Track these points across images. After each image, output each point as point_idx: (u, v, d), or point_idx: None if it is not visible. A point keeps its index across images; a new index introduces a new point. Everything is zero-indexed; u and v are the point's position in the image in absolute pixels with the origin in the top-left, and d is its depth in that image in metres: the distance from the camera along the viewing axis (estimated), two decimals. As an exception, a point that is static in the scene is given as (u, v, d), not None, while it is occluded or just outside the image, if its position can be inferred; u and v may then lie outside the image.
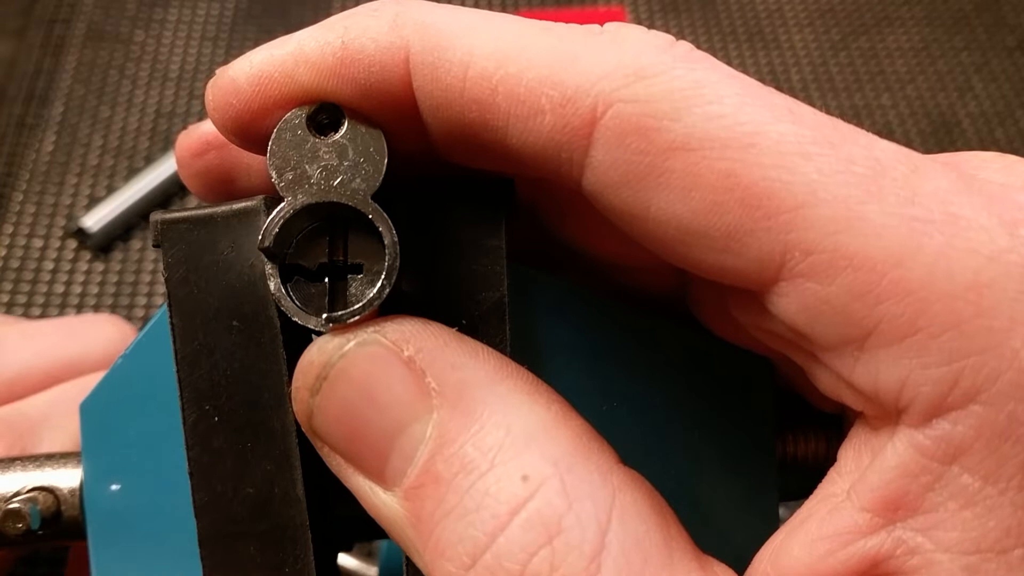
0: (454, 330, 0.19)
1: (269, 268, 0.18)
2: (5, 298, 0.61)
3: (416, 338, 0.19)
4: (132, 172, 0.67)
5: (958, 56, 0.76)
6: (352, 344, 0.19)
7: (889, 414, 0.19)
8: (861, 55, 0.76)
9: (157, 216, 0.20)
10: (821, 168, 0.18)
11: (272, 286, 0.18)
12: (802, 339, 0.20)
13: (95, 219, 0.63)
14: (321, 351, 0.19)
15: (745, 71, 0.77)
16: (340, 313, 0.18)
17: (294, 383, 0.19)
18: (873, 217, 0.18)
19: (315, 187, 0.18)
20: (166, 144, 0.69)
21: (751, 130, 0.18)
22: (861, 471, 0.20)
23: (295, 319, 0.18)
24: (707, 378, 0.25)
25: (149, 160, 0.67)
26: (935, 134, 0.71)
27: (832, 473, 0.21)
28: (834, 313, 0.18)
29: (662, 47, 0.19)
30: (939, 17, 0.79)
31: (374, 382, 0.18)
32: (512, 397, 0.19)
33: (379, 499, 0.19)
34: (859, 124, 0.22)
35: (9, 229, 0.65)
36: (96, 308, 0.61)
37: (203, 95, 0.71)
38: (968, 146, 0.71)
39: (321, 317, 0.18)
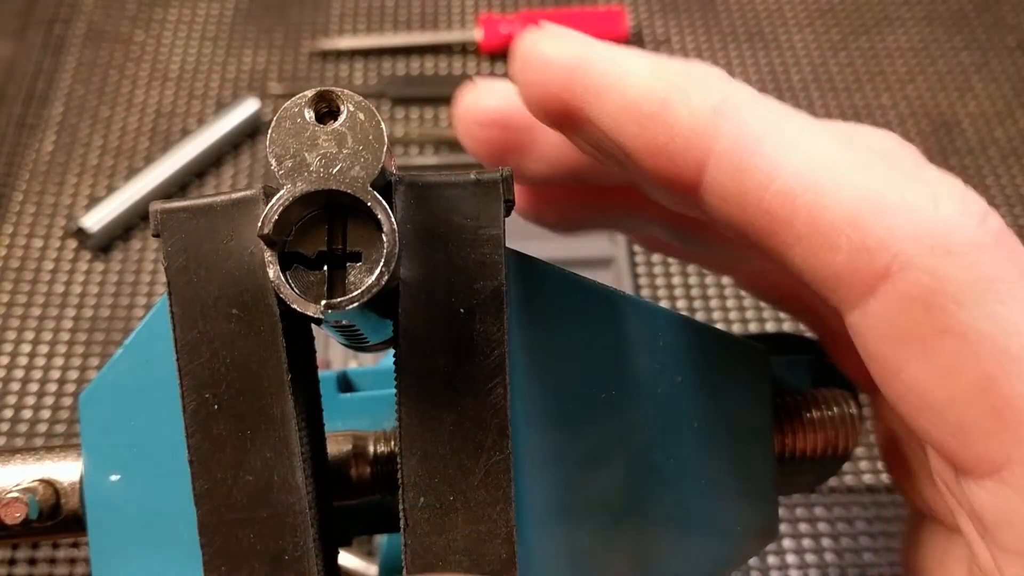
0: None
1: (268, 256, 0.18)
2: (5, 298, 0.61)
3: None
4: (132, 172, 0.67)
5: (958, 56, 0.76)
6: None
7: None
8: (861, 55, 0.76)
9: (156, 206, 0.20)
10: None
11: (271, 273, 0.18)
12: (977, 522, 0.20)
13: (95, 219, 0.63)
14: None
15: (745, 71, 0.77)
16: (338, 300, 0.18)
17: None
18: None
19: (314, 175, 0.18)
20: (166, 144, 0.69)
21: None
22: None
23: (294, 306, 0.18)
24: (706, 368, 0.25)
25: (149, 160, 0.68)
26: (935, 134, 0.72)
27: None
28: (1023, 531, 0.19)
29: (977, 219, 0.19)
30: (939, 17, 0.79)
31: None
32: None
33: None
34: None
35: (9, 229, 0.65)
36: (96, 308, 0.61)
37: (203, 95, 0.72)
38: (968, 146, 0.71)
39: (320, 304, 0.18)
